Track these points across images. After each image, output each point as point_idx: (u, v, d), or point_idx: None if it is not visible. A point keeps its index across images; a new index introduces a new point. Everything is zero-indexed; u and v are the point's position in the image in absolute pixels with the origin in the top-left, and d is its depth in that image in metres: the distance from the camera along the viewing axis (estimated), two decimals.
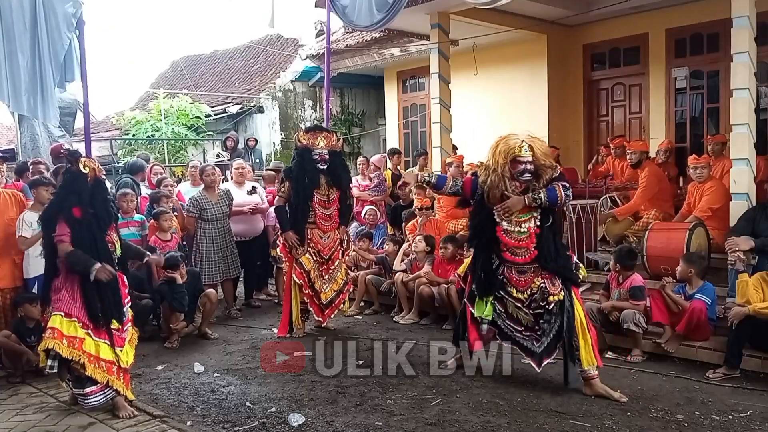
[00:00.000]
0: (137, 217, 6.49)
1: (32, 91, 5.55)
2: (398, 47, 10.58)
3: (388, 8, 6.99)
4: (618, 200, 7.03)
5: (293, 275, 5.97)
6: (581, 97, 9.85)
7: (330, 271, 6.07)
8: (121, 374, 4.18)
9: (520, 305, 4.48)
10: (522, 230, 4.40)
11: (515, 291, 4.47)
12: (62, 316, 4.05)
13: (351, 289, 6.64)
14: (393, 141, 12.34)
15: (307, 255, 5.93)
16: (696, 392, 4.41)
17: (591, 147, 9.64)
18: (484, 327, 4.56)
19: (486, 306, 4.56)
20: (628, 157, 7.21)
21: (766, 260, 5.06)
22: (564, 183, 4.43)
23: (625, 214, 6.76)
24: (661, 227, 6.06)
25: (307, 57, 13.04)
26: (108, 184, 4.96)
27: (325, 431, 3.90)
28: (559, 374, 4.59)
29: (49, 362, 4.08)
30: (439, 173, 4.89)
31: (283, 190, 6.00)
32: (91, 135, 6.20)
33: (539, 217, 4.40)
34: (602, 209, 6.81)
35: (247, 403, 4.36)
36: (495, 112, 10.24)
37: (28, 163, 7.27)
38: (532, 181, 4.39)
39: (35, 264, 5.23)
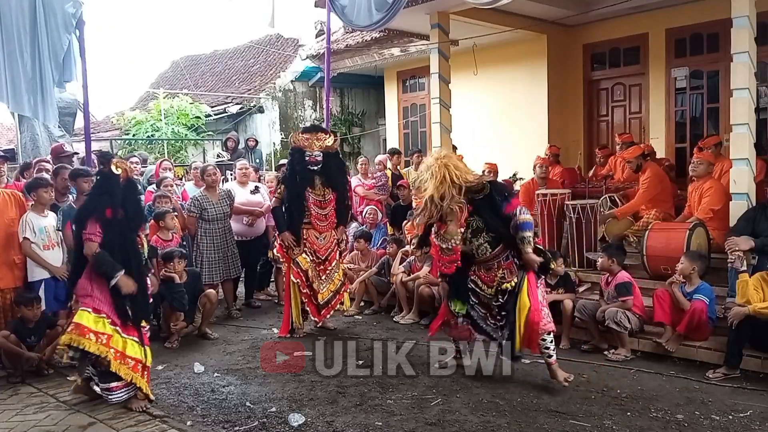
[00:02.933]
0: None
1: (32, 91, 5.56)
2: (398, 47, 10.58)
3: (387, 8, 6.97)
4: (618, 200, 7.02)
5: (291, 275, 5.99)
6: (581, 97, 9.85)
7: (327, 272, 6.07)
8: (145, 373, 4.25)
9: (490, 297, 4.63)
10: (449, 247, 4.53)
11: (486, 288, 4.62)
12: (90, 312, 4.09)
13: (351, 288, 6.64)
14: (393, 141, 12.34)
15: (303, 255, 5.95)
16: (696, 392, 4.41)
17: (591, 147, 9.63)
18: (459, 320, 4.76)
19: (461, 302, 4.75)
20: (627, 165, 7.18)
21: (766, 260, 5.06)
22: (505, 198, 4.50)
23: (626, 214, 6.75)
24: (661, 227, 6.05)
25: (307, 57, 13.04)
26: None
27: (325, 431, 3.90)
28: None
29: (71, 353, 4.12)
30: None
31: (279, 191, 6.05)
32: (91, 135, 6.20)
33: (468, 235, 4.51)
34: (602, 209, 6.81)
35: (247, 403, 4.36)
36: (495, 112, 10.25)
37: (33, 162, 7.27)
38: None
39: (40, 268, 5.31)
